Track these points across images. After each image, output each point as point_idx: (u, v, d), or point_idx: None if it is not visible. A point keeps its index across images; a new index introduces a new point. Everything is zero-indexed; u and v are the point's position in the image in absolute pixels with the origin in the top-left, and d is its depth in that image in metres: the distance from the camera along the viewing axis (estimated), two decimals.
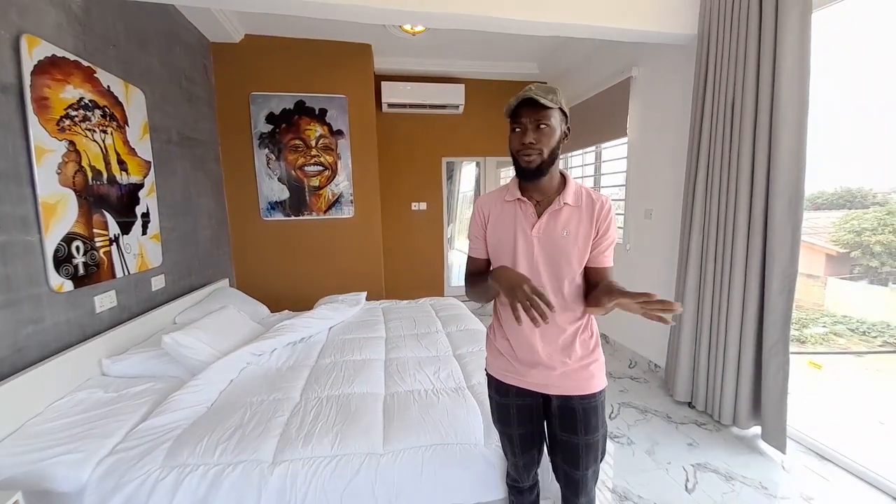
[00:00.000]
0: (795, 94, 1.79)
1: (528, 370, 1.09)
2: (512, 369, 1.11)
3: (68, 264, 1.67)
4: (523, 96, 0.97)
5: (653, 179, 2.82)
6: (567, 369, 1.06)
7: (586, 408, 1.07)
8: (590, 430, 1.07)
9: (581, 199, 1.06)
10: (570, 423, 1.08)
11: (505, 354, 1.13)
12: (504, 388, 1.14)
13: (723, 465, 1.88)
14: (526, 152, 0.99)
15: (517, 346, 1.09)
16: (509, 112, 1.01)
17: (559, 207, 1.04)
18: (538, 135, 0.98)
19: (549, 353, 1.06)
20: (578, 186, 1.08)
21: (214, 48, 3.17)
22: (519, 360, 1.10)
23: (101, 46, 1.93)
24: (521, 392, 1.11)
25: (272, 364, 1.99)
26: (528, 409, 1.13)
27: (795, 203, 1.81)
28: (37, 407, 1.46)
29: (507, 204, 1.09)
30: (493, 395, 1.19)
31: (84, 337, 1.76)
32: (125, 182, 2.04)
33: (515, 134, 1.01)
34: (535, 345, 1.06)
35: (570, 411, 1.08)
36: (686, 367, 2.34)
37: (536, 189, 1.07)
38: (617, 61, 3.11)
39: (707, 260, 2.19)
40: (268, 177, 3.41)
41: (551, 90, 0.98)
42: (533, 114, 0.98)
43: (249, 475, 1.25)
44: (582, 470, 1.09)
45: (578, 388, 1.06)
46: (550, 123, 0.98)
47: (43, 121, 1.57)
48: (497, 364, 1.16)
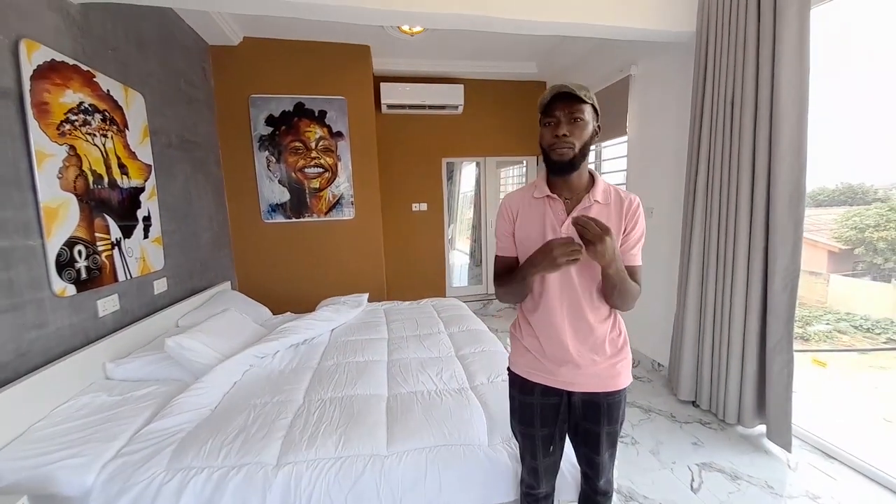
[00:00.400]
0: (795, 90, 1.79)
1: (557, 368, 1.08)
2: (539, 367, 1.10)
3: (71, 269, 1.67)
4: (558, 90, 0.96)
5: (653, 178, 2.82)
6: (596, 368, 1.06)
7: (611, 403, 1.09)
8: (612, 421, 1.10)
9: (610, 196, 1.06)
10: (593, 415, 1.10)
11: (532, 352, 1.11)
12: (529, 386, 1.12)
13: (728, 464, 1.88)
14: (559, 145, 0.98)
15: (547, 343, 1.08)
16: (543, 106, 1.00)
17: (589, 205, 1.04)
18: (572, 128, 0.98)
19: (580, 350, 1.06)
20: (607, 185, 1.08)
21: (213, 51, 3.17)
22: (548, 358, 1.08)
23: (100, 50, 1.93)
24: (547, 391, 1.10)
25: (275, 366, 1.99)
26: (552, 409, 1.12)
27: (797, 199, 1.81)
28: (41, 411, 1.46)
29: (536, 201, 1.08)
30: (515, 394, 1.17)
31: (87, 341, 1.77)
32: (126, 186, 2.05)
33: (548, 127, 1.01)
34: (565, 342, 1.05)
35: (594, 406, 1.09)
36: (690, 366, 2.34)
37: (566, 186, 1.06)
38: (616, 60, 3.11)
39: (709, 258, 2.19)
40: (268, 179, 3.41)
41: (584, 87, 0.98)
42: (567, 107, 0.97)
43: (254, 478, 1.25)
44: (602, 454, 1.13)
45: (604, 386, 1.07)
46: (584, 117, 0.98)
47: (43, 125, 1.57)
48: (522, 361, 1.14)
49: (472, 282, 5.17)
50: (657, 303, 2.78)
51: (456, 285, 4.88)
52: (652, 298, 2.83)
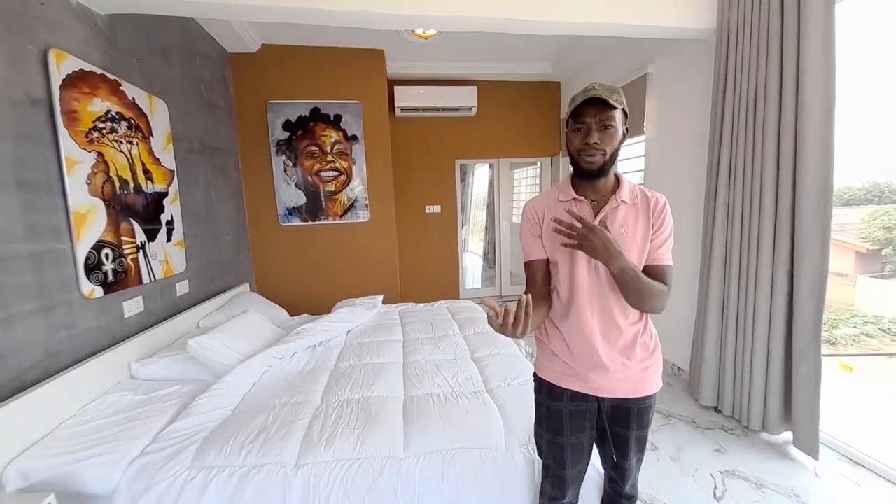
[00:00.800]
0: (821, 87, 1.73)
1: (587, 373, 1.05)
2: (569, 372, 1.07)
3: (98, 271, 1.72)
4: (589, 95, 0.94)
5: (672, 178, 2.77)
6: (626, 372, 1.04)
7: (641, 408, 1.07)
8: (642, 425, 1.08)
9: (636, 196, 1.04)
10: (623, 420, 1.08)
11: (561, 356, 1.09)
12: (558, 392, 1.09)
13: (753, 471, 1.82)
14: (589, 152, 0.97)
15: (576, 347, 1.05)
16: (572, 110, 0.98)
17: (616, 205, 1.02)
18: (602, 135, 0.96)
19: (610, 354, 1.04)
20: (632, 185, 1.06)
21: (233, 58, 3.24)
22: (578, 363, 1.06)
23: (125, 60, 2.00)
24: (576, 396, 1.08)
25: (293, 367, 2.01)
26: (581, 416, 1.09)
27: (825, 199, 1.75)
28: (70, 410, 1.50)
29: (563, 204, 1.07)
30: (543, 400, 1.14)
31: (114, 341, 1.82)
32: (150, 191, 2.10)
33: (577, 133, 0.99)
34: (595, 346, 1.03)
35: (623, 411, 1.07)
36: (711, 371, 2.28)
37: (592, 188, 1.05)
38: (632, 58, 3.06)
39: (731, 260, 2.13)
40: (285, 183, 3.47)
41: (615, 90, 0.96)
42: (598, 113, 0.95)
43: (274, 477, 1.27)
44: (629, 459, 1.11)
45: (635, 391, 1.05)
46: (615, 124, 0.96)
47: (72, 133, 1.62)
48: (551, 366, 1.11)
49: (485, 284, 5.15)
50: (677, 305, 2.72)
51: (469, 287, 4.87)
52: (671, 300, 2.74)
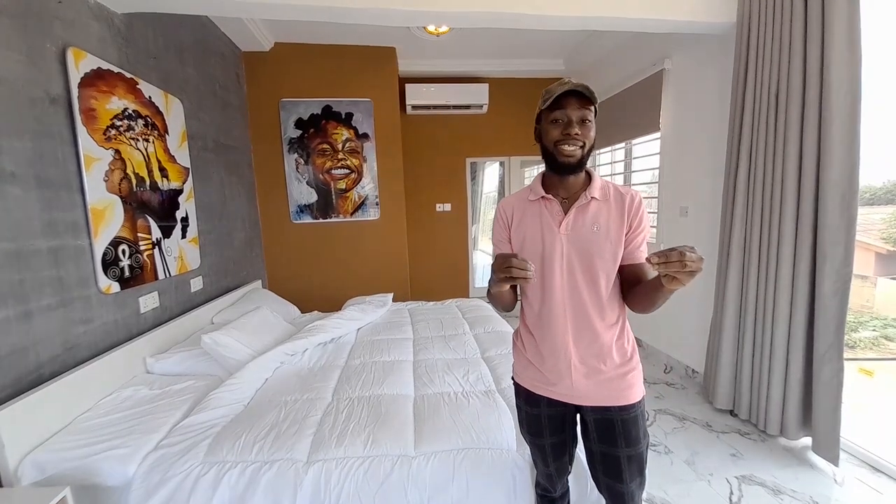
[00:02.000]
0: (846, 82, 1.67)
1: (560, 380, 1.02)
2: (543, 379, 1.05)
3: (115, 267, 1.75)
4: (570, 87, 0.93)
5: (688, 176, 2.71)
6: (602, 378, 1.00)
7: (625, 419, 1.00)
8: (631, 441, 1.00)
9: (608, 193, 1.02)
10: (608, 436, 1.01)
11: (535, 363, 1.06)
12: (534, 398, 1.08)
13: (770, 477, 1.78)
14: (570, 143, 0.95)
15: (549, 352, 1.03)
16: (549, 101, 0.95)
17: (586, 202, 1.00)
18: (582, 128, 0.95)
19: (585, 359, 1.00)
20: (604, 182, 1.04)
21: (246, 57, 3.27)
22: (551, 370, 1.03)
23: (142, 58, 2.02)
24: (553, 402, 1.06)
25: (304, 364, 2.02)
26: (559, 418, 1.08)
27: (850, 198, 1.69)
28: (87, 403, 1.53)
29: (532, 203, 1.05)
30: (521, 405, 1.13)
31: (130, 336, 1.85)
32: (166, 188, 2.13)
33: (556, 125, 0.96)
34: (569, 352, 1.00)
35: (608, 424, 1.01)
36: (727, 374, 2.23)
37: (562, 186, 1.02)
38: (648, 54, 3.00)
39: (750, 259, 2.08)
40: (297, 180, 3.49)
41: (589, 88, 0.94)
42: (578, 107, 0.94)
43: (285, 474, 1.27)
44: (626, 483, 1.02)
45: (615, 399, 1.00)
46: (592, 119, 0.96)
47: (90, 130, 1.65)
48: (527, 374, 1.10)
49: None
50: (691, 306, 2.66)
51: (479, 286, 4.85)
52: (686, 301, 2.72)
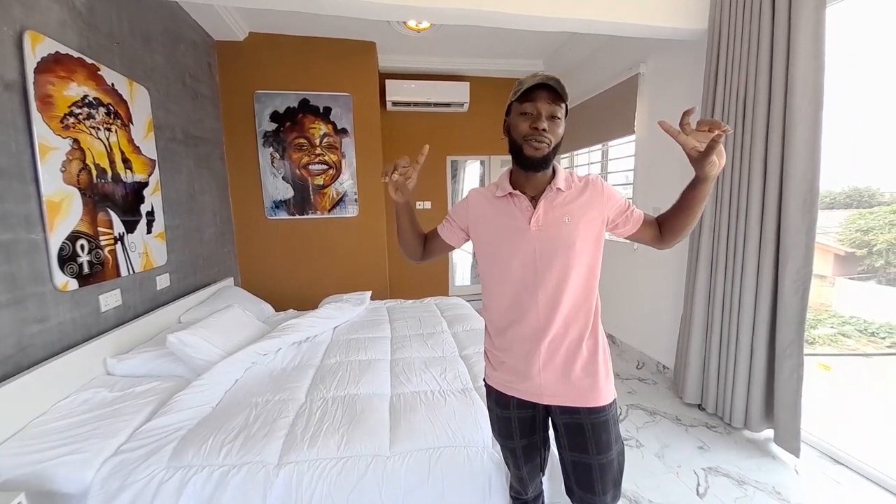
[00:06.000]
0: (810, 90, 1.75)
1: (530, 379, 1.00)
2: (512, 380, 1.04)
3: (73, 263, 1.66)
4: (541, 81, 0.90)
5: (661, 177, 2.78)
6: (571, 376, 0.98)
7: (595, 423, 0.98)
8: (602, 448, 0.97)
9: (572, 182, 1.01)
10: (579, 442, 0.99)
11: (506, 361, 1.04)
12: (505, 399, 1.06)
13: (735, 469, 1.85)
14: (538, 138, 0.92)
15: (518, 351, 1.01)
16: (520, 93, 0.93)
17: (553, 195, 0.99)
18: (550, 124, 0.93)
19: (552, 355, 0.99)
20: (567, 172, 1.04)
21: (219, 46, 3.15)
22: (520, 369, 1.02)
23: (105, 44, 1.92)
24: (523, 403, 1.04)
25: (277, 364, 1.97)
26: (530, 420, 1.06)
27: (811, 201, 1.77)
28: (41, 406, 1.44)
29: (499, 200, 1.02)
30: (492, 406, 1.12)
31: (89, 336, 1.76)
32: (130, 180, 2.03)
33: (525, 117, 0.94)
34: (538, 347, 0.98)
35: (577, 428, 0.99)
36: (696, 369, 2.31)
37: (528, 182, 1.00)
38: (625, 58, 3.07)
39: (717, 259, 2.15)
40: (272, 175, 3.40)
41: (560, 83, 0.93)
42: (548, 102, 0.92)
43: (255, 477, 1.24)
44: (599, 495, 0.99)
45: (584, 399, 0.98)
46: (561, 115, 0.94)
47: (47, 118, 1.55)
48: (496, 375, 1.08)
49: (474, 280, 5.14)
50: (663, 303, 2.74)
51: (459, 284, 4.86)
52: (658, 299, 2.80)
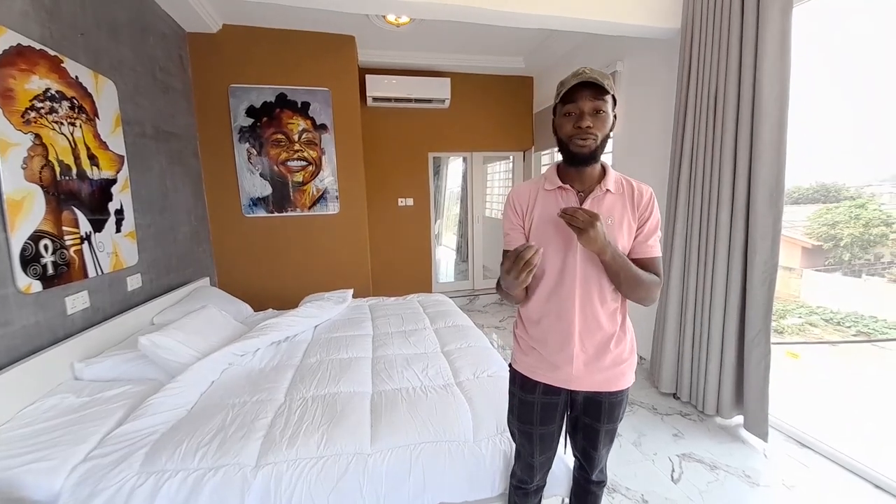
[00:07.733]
0: (777, 88, 1.81)
1: (562, 367, 1.05)
2: (543, 365, 1.08)
3: (36, 264, 1.59)
4: (582, 79, 0.92)
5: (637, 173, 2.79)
6: (600, 366, 1.04)
7: (613, 402, 1.09)
8: (612, 419, 1.10)
9: (622, 187, 1.04)
10: (594, 413, 1.10)
11: (538, 349, 1.09)
12: (531, 384, 1.11)
13: (707, 454, 1.92)
14: (582, 136, 0.94)
15: (553, 341, 1.06)
16: (562, 94, 0.96)
17: (602, 194, 1.01)
18: (594, 119, 0.94)
19: (587, 349, 1.04)
20: (618, 175, 1.06)
21: (191, 38, 3.05)
22: (553, 357, 1.06)
23: (68, 35, 1.83)
24: (549, 389, 1.09)
25: (255, 364, 1.94)
26: (552, 408, 1.11)
27: (776, 195, 1.85)
28: (6, 413, 1.38)
29: (548, 193, 1.05)
30: (516, 391, 1.15)
31: (55, 340, 1.69)
32: (97, 177, 1.95)
33: (568, 118, 0.96)
34: (573, 340, 1.03)
35: (596, 404, 1.09)
36: (671, 359, 2.38)
37: (578, 177, 1.03)
38: (602, 56, 3.11)
39: (690, 252, 2.22)
40: (249, 172, 3.32)
41: (605, 75, 0.94)
42: (591, 98, 0.93)
43: (231, 479, 1.21)
44: (598, 449, 1.14)
45: (609, 385, 1.06)
46: (607, 109, 0.95)
47: (7, 113, 1.48)
48: (526, 360, 1.12)
49: (458, 277, 5.16)
50: None
51: (442, 281, 4.87)
52: None
